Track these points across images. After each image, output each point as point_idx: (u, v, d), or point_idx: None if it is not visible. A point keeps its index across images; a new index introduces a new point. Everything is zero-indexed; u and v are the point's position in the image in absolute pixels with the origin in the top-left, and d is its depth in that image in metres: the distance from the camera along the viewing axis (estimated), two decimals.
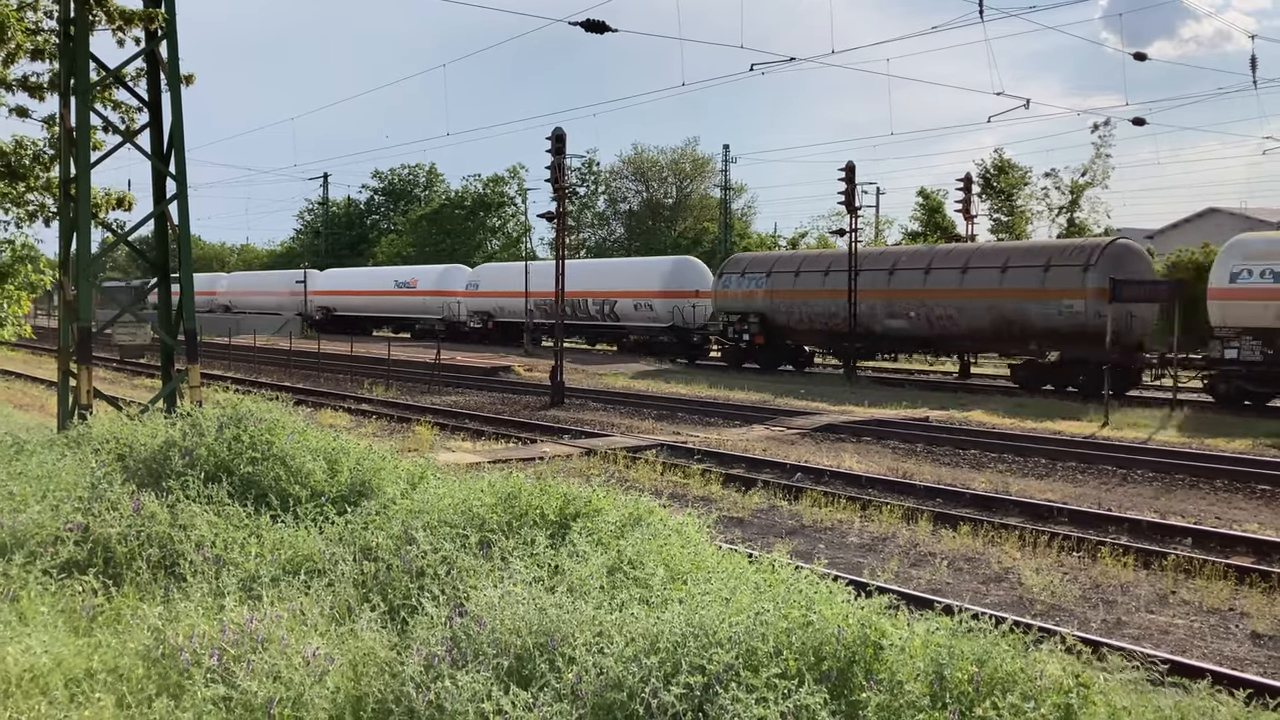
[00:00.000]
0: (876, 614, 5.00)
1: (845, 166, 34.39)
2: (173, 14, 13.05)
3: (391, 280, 59.63)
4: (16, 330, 15.94)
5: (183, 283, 13.38)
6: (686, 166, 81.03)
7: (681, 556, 6.43)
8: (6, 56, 12.71)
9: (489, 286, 50.92)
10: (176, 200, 13.39)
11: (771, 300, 35.56)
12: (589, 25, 20.88)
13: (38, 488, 7.93)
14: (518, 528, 6.87)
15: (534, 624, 5.12)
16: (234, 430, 8.62)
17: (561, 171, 27.97)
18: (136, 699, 5.01)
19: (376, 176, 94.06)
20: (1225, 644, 8.64)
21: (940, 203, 58.55)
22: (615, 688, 4.58)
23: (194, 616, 5.71)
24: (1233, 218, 48.21)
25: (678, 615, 5.03)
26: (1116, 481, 16.09)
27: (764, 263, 37.20)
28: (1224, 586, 10.01)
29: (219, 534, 7.02)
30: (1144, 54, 29.03)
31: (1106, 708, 4.51)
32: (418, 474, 8.56)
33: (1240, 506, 14.20)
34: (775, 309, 35.57)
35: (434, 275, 56.20)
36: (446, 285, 53.98)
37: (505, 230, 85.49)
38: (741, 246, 69.71)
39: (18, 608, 6.01)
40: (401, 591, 6.25)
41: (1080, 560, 11.10)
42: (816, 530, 12.57)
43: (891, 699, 4.46)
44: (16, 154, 14.10)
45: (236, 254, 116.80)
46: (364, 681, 5.02)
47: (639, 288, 41.85)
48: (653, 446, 18.26)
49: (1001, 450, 18.69)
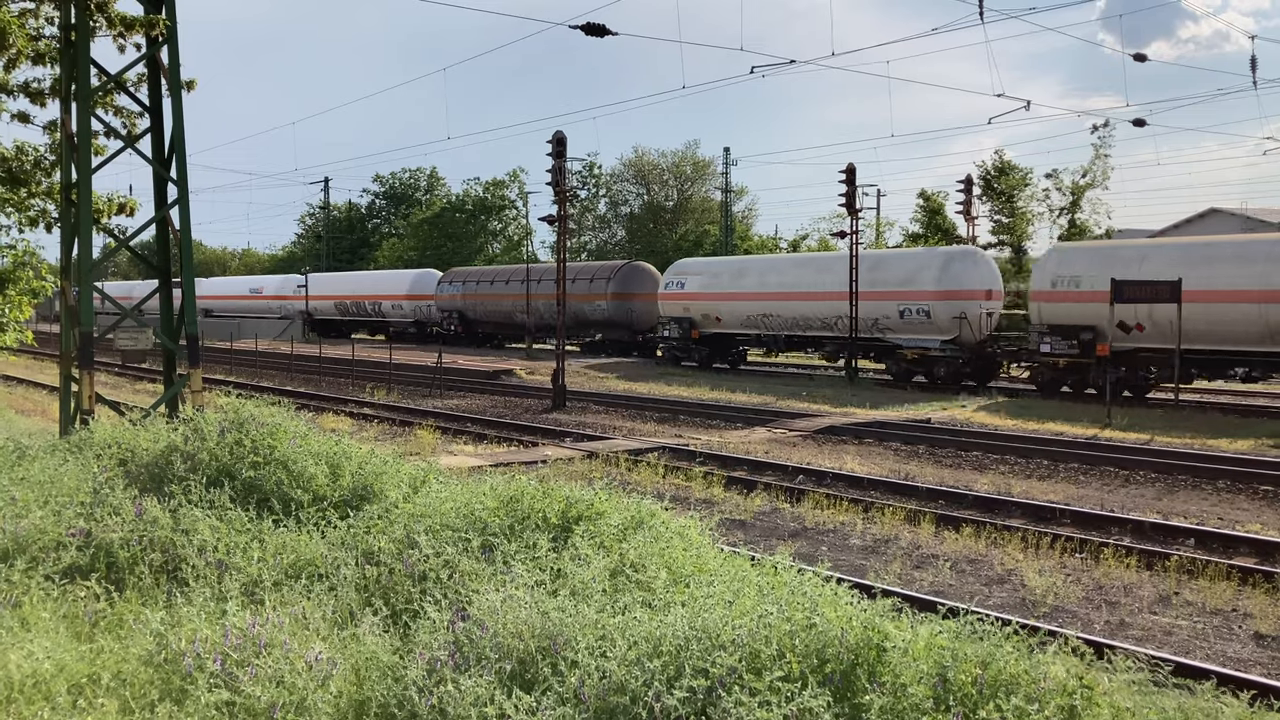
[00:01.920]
0: (880, 616, 4.99)
1: (846, 168, 34.40)
2: (173, 19, 13.07)
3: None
4: (18, 336, 15.96)
5: (184, 287, 13.39)
6: (687, 169, 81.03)
7: (684, 559, 6.43)
8: (8, 62, 12.73)
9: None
10: (178, 205, 13.40)
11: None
12: (589, 29, 20.89)
13: (40, 493, 7.93)
14: (520, 531, 6.87)
15: (536, 627, 5.11)
16: (236, 435, 8.62)
17: (562, 175, 27.97)
18: (139, 704, 5.00)
19: (377, 180, 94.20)
20: (1228, 645, 8.63)
21: (941, 204, 58.53)
22: (618, 691, 4.57)
23: (197, 621, 5.71)
24: (1233, 218, 48.18)
25: (680, 618, 5.02)
26: (1119, 483, 16.08)
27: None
28: (1227, 587, 10.00)
29: (221, 538, 7.02)
30: (1144, 55, 29.02)
31: (1110, 709, 4.50)
32: (420, 478, 8.55)
33: (1243, 507, 14.19)
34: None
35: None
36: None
37: (506, 234, 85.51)
38: (743, 249, 69.71)
39: (20, 613, 6.01)
40: (404, 595, 6.25)
41: (1083, 561, 11.09)
42: (819, 532, 12.56)
43: (895, 701, 4.46)
44: (18, 159, 14.13)
45: (238, 258, 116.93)
46: (366, 686, 5.02)
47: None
48: (655, 449, 18.26)
49: (1004, 452, 18.69)
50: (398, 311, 58.43)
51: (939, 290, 31.42)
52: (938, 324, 31.31)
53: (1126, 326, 26.25)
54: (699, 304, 39.03)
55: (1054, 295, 28.11)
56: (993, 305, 31.76)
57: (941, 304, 31.16)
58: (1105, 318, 25.41)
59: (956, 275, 31.56)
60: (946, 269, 31.74)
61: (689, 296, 39.31)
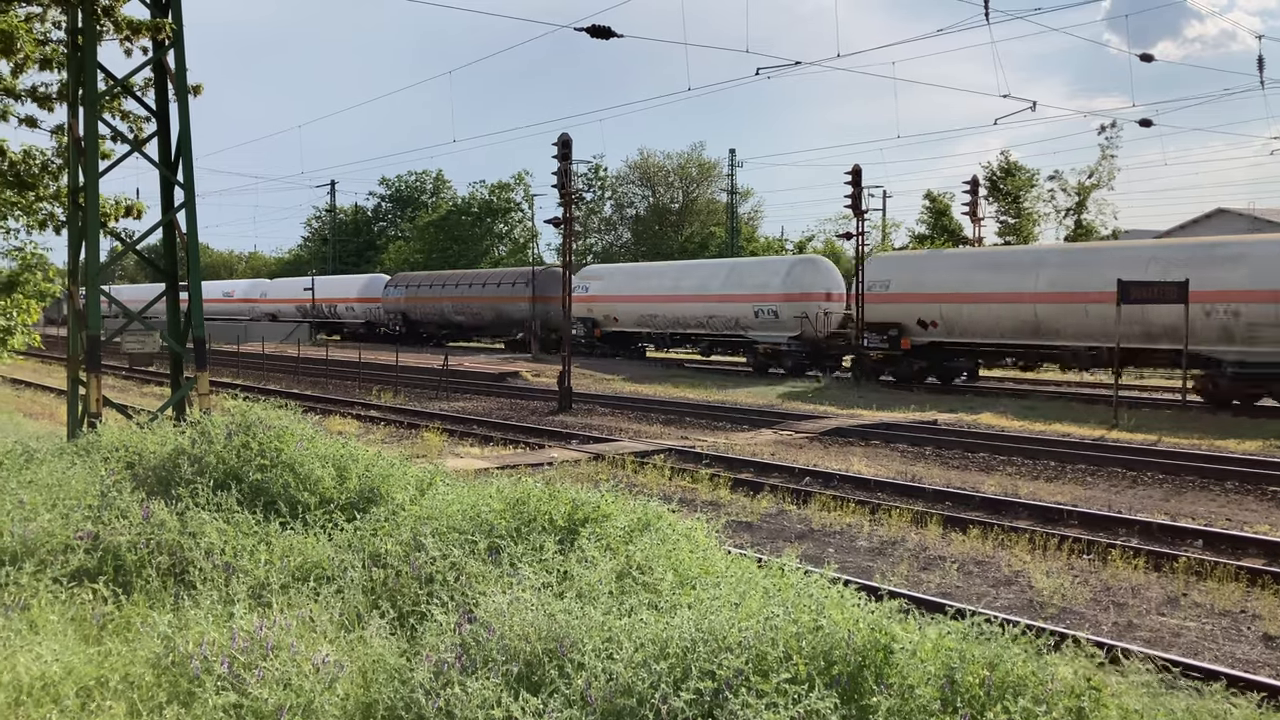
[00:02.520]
0: (887, 618, 4.99)
1: (852, 170, 34.39)
2: (180, 24, 13.10)
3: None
4: (26, 339, 16.01)
5: (191, 290, 13.42)
6: (693, 171, 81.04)
7: (690, 561, 6.42)
8: (15, 67, 12.78)
9: None
10: (185, 208, 13.44)
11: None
12: (594, 31, 20.92)
13: (48, 496, 7.95)
14: (526, 533, 6.87)
15: (543, 630, 5.11)
16: (243, 437, 8.64)
17: (568, 177, 28.00)
18: (147, 707, 5.01)
19: (384, 183, 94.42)
20: (1237, 646, 8.60)
21: (947, 206, 58.47)
22: (625, 693, 4.57)
23: (204, 624, 5.72)
24: (1241, 218, 48.06)
25: (687, 620, 5.02)
26: (1126, 484, 16.04)
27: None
28: (1236, 589, 9.96)
29: (228, 541, 7.03)
30: (1150, 55, 28.99)
31: (1119, 711, 4.49)
32: (426, 480, 8.56)
33: (1251, 508, 14.14)
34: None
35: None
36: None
37: (512, 236, 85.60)
38: (749, 250, 69.70)
39: (28, 616, 6.02)
40: (411, 598, 6.25)
41: (1091, 563, 11.07)
42: (826, 534, 12.55)
43: (902, 703, 4.45)
44: (25, 163, 14.17)
45: (244, 261, 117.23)
46: (374, 688, 5.03)
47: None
48: (661, 451, 18.26)
49: (1010, 453, 18.66)
50: (350, 313, 63.20)
51: (784, 293, 36.28)
52: (784, 322, 36.18)
53: (924, 324, 31.01)
54: (600, 305, 44.23)
55: (869, 297, 32.75)
56: (831, 306, 36.52)
57: (786, 305, 36.10)
58: (909, 316, 30.99)
59: (799, 280, 36.55)
60: (790, 274, 36.84)
61: (592, 299, 44.27)
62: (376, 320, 61.35)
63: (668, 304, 40.86)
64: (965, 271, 30.90)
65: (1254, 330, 24.60)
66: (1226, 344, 25.09)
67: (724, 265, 40.87)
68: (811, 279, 36.58)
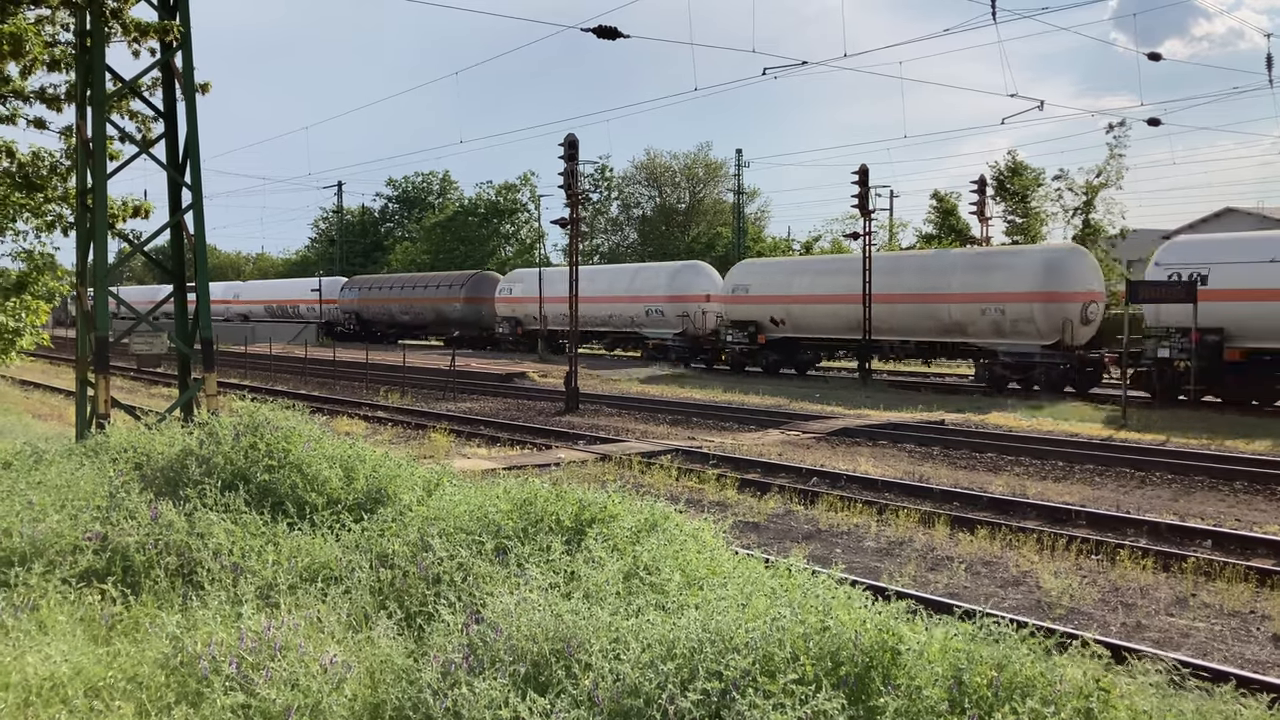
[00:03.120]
0: (894, 618, 4.98)
1: (858, 170, 34.36)
2: (187, 25, 13.13)
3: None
4: (35, 339, 16.06)
5: (199, 292, 13.45)
6: (699, 171, 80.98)
7: (697, 562, 6.42)
8: (24, 68, 12.82)
9: None
10: (192, 210, 13.47)
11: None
12: (601, 31, 20.92)
13: (56, 497, 7.97)
14: (533, 534, 6.87)
15: (550, 630, 5.11)
16: (250, 438, 8.65)
17: (574, 177, 28.00)
18: (156, 707, 5.02)
19: (390, 184, 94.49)
20: (1246, 647, 8.57)
21: (954, 205, 58.36)
22: (632, 694, 4.57)
23: (212, 624, 5.73)
24: (1249, 217, 47.93)
25: (694, 621, 5.02)
26: (1135, 484, 16.00)
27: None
28: (1245, 589, 9.93)
29: (236, 542, 7.04)
30: (1158, 54, 28.89)
31: (1128, 712, 4.48)
32: (433, 481, 8.57)
33: (1260, 508, 14.10)
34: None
35: None
36: None
37: (519, 237, 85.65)
38: (755, 251, 69.65)
39: (37, 616, 6.04)
40: (418, 598, 6.26)
41: (1099, 563, 11.04)
42: (833, 534, 12.53)
43: (910, 704, 4.44)
44: (34, 165, 14.21)
45: (252, 263, 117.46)
46: (381, 689, 5.03)
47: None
48: (667, 451, 18.26)
49: (1018, 453, 18.62)
50: (311, 313, 67.87)
51: (669, 295, 42.00)
52: (669, 321, 41.95)
53: (776, 321, 36.08)
54: (522, 306, 50.46)
55: (733, 299, 37.82)
56: (710, 306, 40.94)
57: (670, 306, 41.98)
58: (764, 315, 36.21)
59: (682, 284, 42.07)
60: (674, 279, 42.50)
61: (515, 300, 50.68)
62: (335, 320, 65.38)
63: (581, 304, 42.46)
64: (806, 276, 35.97)
65: (1016, 325, 29.66)
66: (998, 337, 30.19)
67: (628, 270, 47.01)
68: (693, 282, 41.99)
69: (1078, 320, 28.93)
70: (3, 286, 15.49)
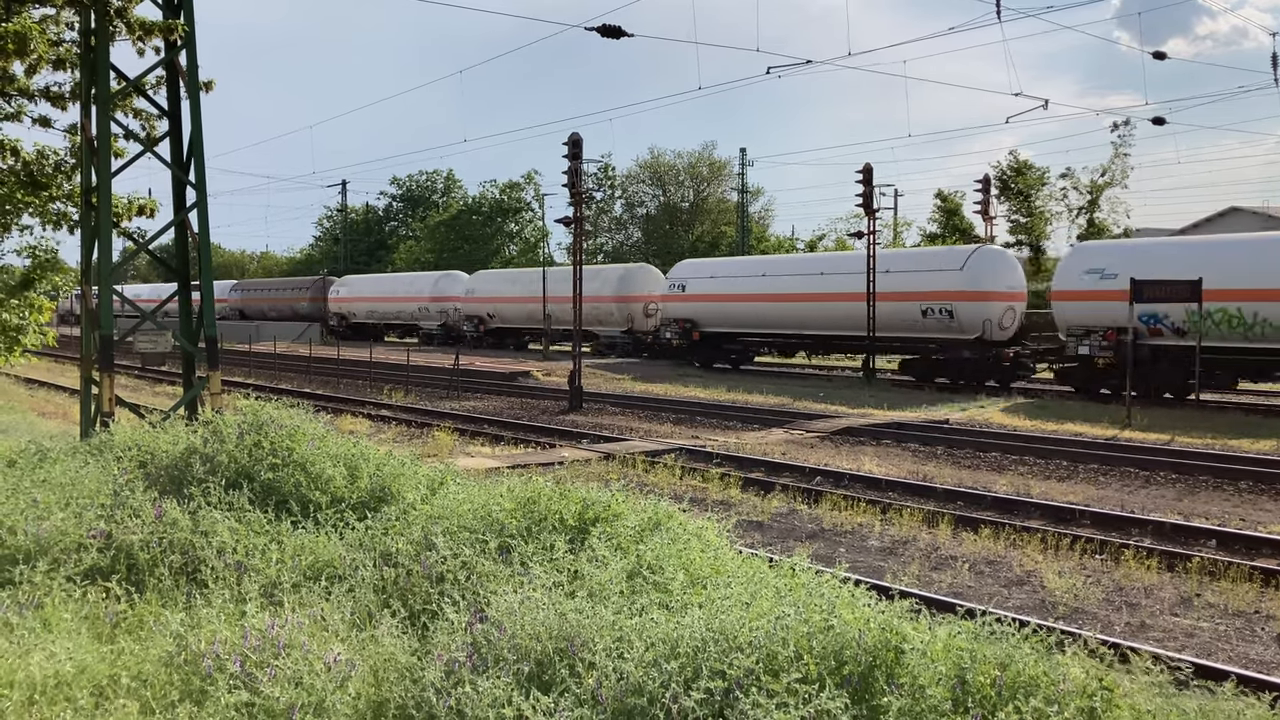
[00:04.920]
0: (898, 618, 4.97)
1: (863, 169, 34.32)
2: (192, 24, 13.15)
3: None
4: (40, 338, 16.07)
5: (203, 290, 13.47)
6: (703, 170, 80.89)
7: (701, 561, 6.42)
8: (29, 67, 12.84)
9: None
10: (196, 208, 13.48)
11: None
12: (605, 30, 20.91)
13: (61, 495, 7.98)
14: (537, 533, 6.87)
15: (554, 629, 5.11)
16: (255, 437, 8.65)
17: (578, 176, 28.00)
18: (160, 705, 5.03)
19: (395, 183, 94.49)
20: (1251, 647, 8.56)
21: (958, 205, 58.31)
22: (635, 693, 4.57)
23: (216, 623, 5.74)
24: (1254, 216, 47.82)
25: (698, 620, 5.02)
26: (1139, 483, 15.98)
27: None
28: (1249, 589, 9.92)
29: (240, 540, 7.05)
30: (1163, 53, 28.85)
31: (1131, 711, 4.47)
32: (437, 479, 8.57)
33: (1265, 508, 14.07)
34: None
35: None
36: None
37: (523, 235, 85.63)
38: (759, 250, 69.64)
39: (42, 615, 6.05)
40: (422, 597, 6.26)
41: (1103, 563, 11.03)
42: (837, 534, 12.53)
43: (913, 703, 4.44)
44: (39, 163, 14.23)
45: (256, 261, 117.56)
46: (385, 687, 5.03)
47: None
48: (671, 450, 18.26)
49: (1022, 452, 18.60)
50: None
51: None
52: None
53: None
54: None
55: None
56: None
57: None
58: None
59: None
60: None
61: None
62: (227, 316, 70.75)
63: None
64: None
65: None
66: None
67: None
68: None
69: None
70: (7, 284, 15.52)
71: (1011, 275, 31.88)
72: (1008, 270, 31.96)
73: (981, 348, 30.71)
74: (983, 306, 30.75)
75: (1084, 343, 27.66)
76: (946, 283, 31.59)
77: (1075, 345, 27.90)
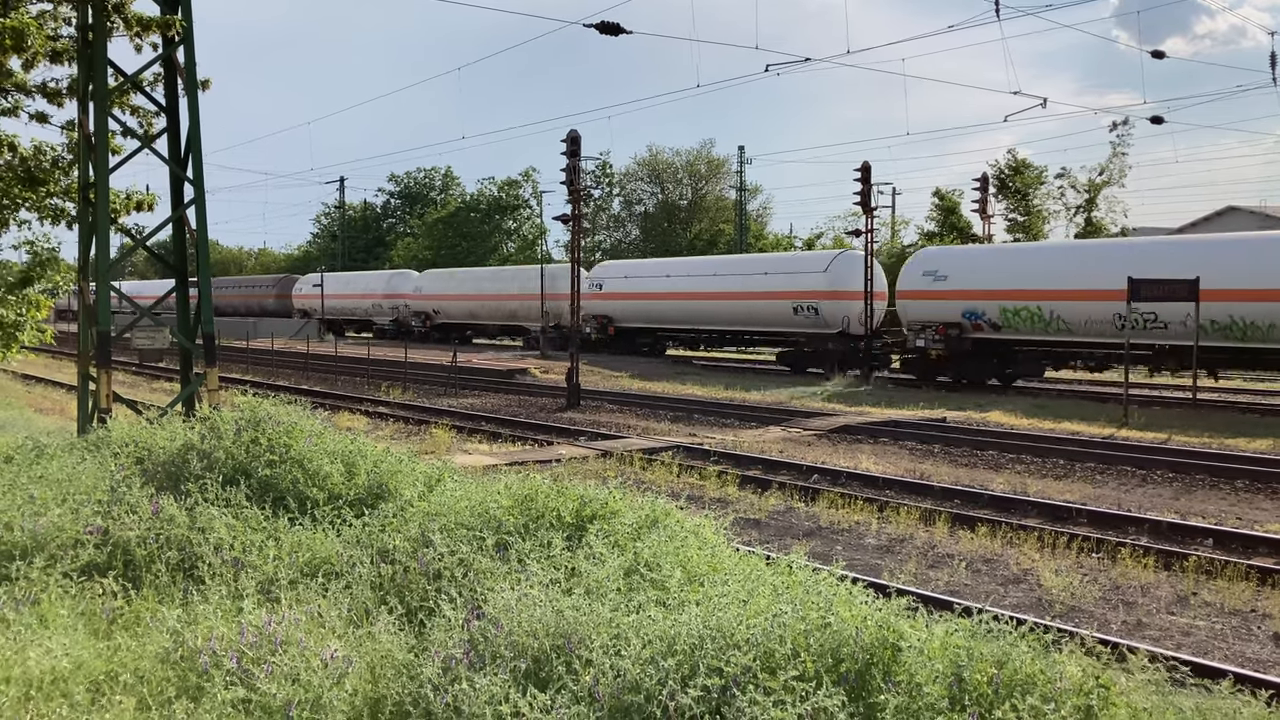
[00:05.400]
0: (895, 615, 4.98)
1: (860, 167, 34.33)
2: (190, 19, 13.13)
3: None
4: (38, 335, 16.05)
5: (201, 286, 13.46)
6: (701, 168, 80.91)
7: (698, 558, 6.42)
8: (26, 62, 12.81)
9: None
10: (194, 204, 13.47)
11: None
12: (603, 27, 20.89)
13: (58, 491, 7.98)
14: (534, 530, 6.87)
15: (551, 626, 5.11)
16: (252, 433, 8.65)
17: (576, 174, 27.98)
18: (157, 701, 5.03)
19: (393, 180, 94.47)
20: (1247, 645, 8.57)
21: (956, 203, 58.33)
22: (632, 690, 4.57)
23: (213, 619, 5.74)
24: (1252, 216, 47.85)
25: (695, 617, 5.02)
26: (1136, 482, 15.99)
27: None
28: (1245, 588, 9.93)
29: (237, 537, 7.05)
30: (1162, 52, 28.85)
31: (1127, 709, 4.48)
32: (435, 476, 8.57)
33: (1261, 507, 14.09)
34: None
35: None
36: None
37: (521, 233, 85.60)
38: (757, 248, 69.66)
39: (38, 610, 6.05)
40: (419, 594, 6.26)
41: (1100, 561, 11.04)
42: (834, 532, 12.53)
43: (910, 701, 4.44)
44: (36, 159, 14.21)
45: (254, 258, 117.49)
46: (382, 684, 5.03)
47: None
48: (669, 448, 18.26)
49: (1019, 451, 18.61)
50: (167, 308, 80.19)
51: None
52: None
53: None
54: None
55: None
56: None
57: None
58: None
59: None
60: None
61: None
62: None
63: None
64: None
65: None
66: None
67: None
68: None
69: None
70: (6, 280, 15.49)
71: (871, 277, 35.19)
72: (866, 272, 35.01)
73: (844, 340, 34.51)
74: (844, 305, 34.46)
75: (920, 336, 30.98)
76: (813, 283, 35.65)
77: (914, 338, 31.23)
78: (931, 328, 30.67)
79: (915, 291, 31.72)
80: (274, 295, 69.87)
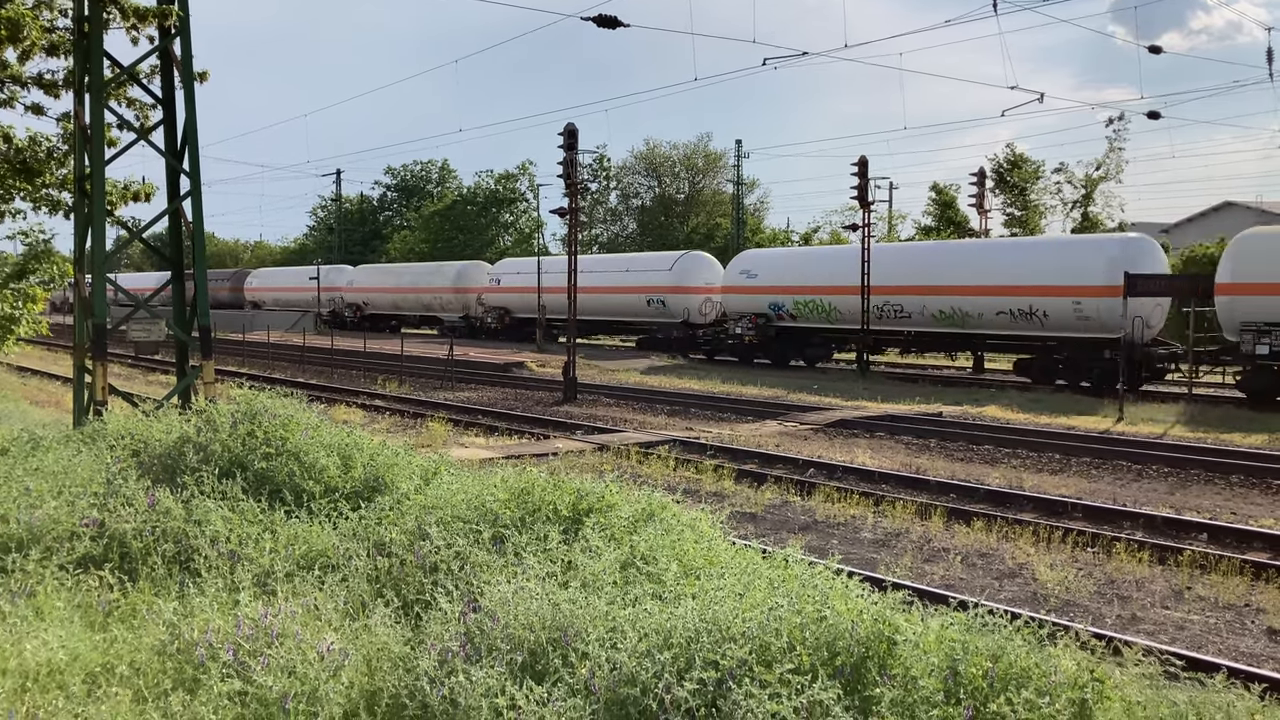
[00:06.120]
0: (890, 609, 4.99)
1: (858, 161, 34.31)
2: (186, 11, 13.09)
3: None
4: (33, 327, 16.02)
5: (197, 279, 13.44)
6: (699, 161, 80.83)
7: (695, 552, 6.42)
8: (22, 54, 12.79)
9: None
10: (190, 197, 13.44)
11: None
12: (601, 20, 20.86)
13: (54, 484, 7.97)
14: (531, 523, 6.87)
15: (547, 619, 5.12)
16: (248, 426, 8.65)
17: (574, 167, 27.95)
18: (153, 693, 5.03)
19: (389, 173, 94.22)
20: (1241, 640, 8.60)
21: (953, 197, 58.29)
22: (628, 683, 4.58)
23: (209, 611, 5.74)
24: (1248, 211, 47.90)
25: (691, 611, 5.02)
26: (1131, 477, 16.02)
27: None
28: (1240, 582, 9.96)
29: (233, 529, 7.05)
30: (1159, 47, 28.81)
31: (1121, 703, 4.49)
32: (431, 469, 8.57)
33: (1256, 502, 14.13)
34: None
35: None
36: None
37: (518, 226, 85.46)
38: (754, 242, 69.63)
39: (34, 603, 6.05)
40: (415, 587, 6.26)
41: (1095, 556, 11.06)
42: (830, 526, 12.55)
43: (905, 694, 4.46)
44: (31, 150, 14.18)
45: (250, 250, 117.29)
46: (378, 676, 5.04)
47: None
48: (665, 442, 18.27)
49: (1015, 446, 18.64)
50: None
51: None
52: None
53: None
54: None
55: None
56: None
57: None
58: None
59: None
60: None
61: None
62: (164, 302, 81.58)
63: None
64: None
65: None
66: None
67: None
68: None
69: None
70: (2, 273, 15.47)
71: (710, 273, 41.69)
72: (707, 270, 42.02)
73: (686, 329, 41.25)
74: (686, 298, 41.55)
75: (739, 325, 37.25)
76: (661, 280, 42.30)
77: (734, 326, 37.64)
78: (746, 318, 37.00)
79: (735, 287, 38.13)
80: (228, 289, 76.19)
